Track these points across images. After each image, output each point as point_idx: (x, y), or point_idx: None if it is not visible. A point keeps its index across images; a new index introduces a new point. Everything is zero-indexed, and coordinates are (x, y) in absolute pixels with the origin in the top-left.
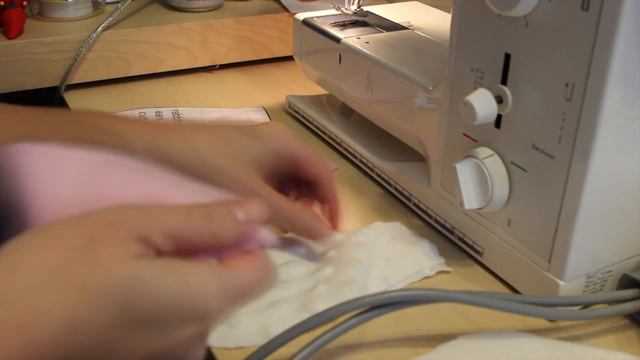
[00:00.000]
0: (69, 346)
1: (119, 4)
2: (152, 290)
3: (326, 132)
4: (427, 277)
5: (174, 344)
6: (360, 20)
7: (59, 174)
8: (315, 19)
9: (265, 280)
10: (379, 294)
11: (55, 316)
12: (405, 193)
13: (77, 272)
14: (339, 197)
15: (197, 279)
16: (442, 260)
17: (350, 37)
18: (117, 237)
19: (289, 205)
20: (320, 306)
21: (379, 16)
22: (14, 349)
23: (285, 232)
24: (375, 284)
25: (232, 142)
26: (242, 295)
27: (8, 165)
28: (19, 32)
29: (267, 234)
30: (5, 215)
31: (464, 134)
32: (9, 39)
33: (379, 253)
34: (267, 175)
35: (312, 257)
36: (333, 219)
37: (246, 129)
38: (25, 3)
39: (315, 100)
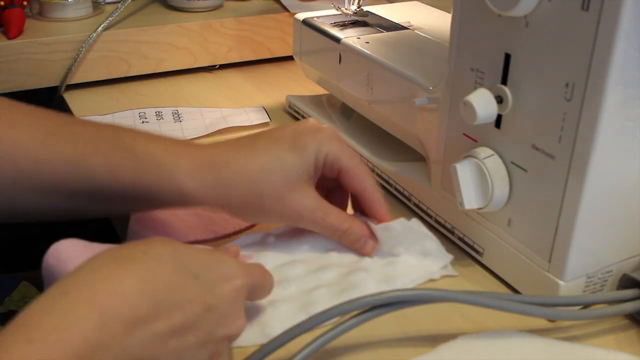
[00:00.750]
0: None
1: (119, 4)
2: (193, 256)
3: None
4: (432, 280)
5: (220, 300)
6: (360, 20)
7: None
8: (315, 19)
9: (268, 278)
10: (379, 293)
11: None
12: (405, 193)
13: (137, 250)
14: (384, 206)
15: (220, 253)
16: (451, 257)
17: (350, 37)
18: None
19: (337, 223)
20: (320, 310)
21: (379, 16)
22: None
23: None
24: (378, 288)
25: (284, 166)
26: (256, 277)
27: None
28: (19, 32)
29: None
30: None
31: (464, 134)
32: (9, 39)
33: (384, 256)
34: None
35: (315, 253)
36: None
37: (293, 144)
38: (25, 3)
39: (315, 100)
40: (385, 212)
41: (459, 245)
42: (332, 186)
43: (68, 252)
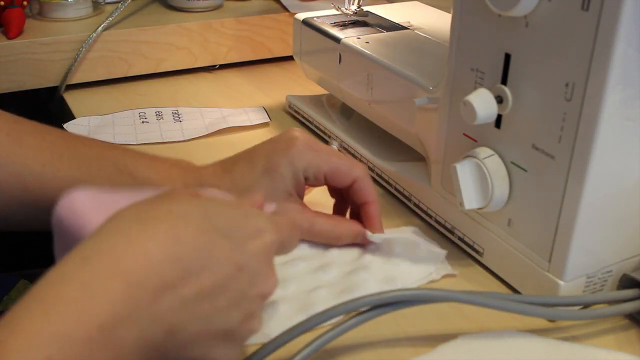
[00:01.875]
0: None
1: (119, 4)
2: (222, 212)
3: (326, 132)
4: (433, 281)
5: (251, 258)
6: (360, 20)
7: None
8: (315, 19)
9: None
10: (379, 293)
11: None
12: (405, 193)
13: (162, 208)
14: (376, 199)
15: (248, 207)
16: (445, 252)
17: (350, 37)
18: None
19: (327, 230)
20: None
21: (379, 16)
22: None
23: None
24: (379, 288)
25: (261, 190)
26: (285, 231)
27: (69, 211)
28: (19, 32)
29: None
30: None
31: (464, 134)
32: (9, 39)
33: (385, 258)
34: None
35: (315, 250)
36: (371, 221)
37: (267, 166)
38: (25, 3)
39: (315, 100)
40: (381, 227)
41: (459, 245)
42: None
43: (83, 204)
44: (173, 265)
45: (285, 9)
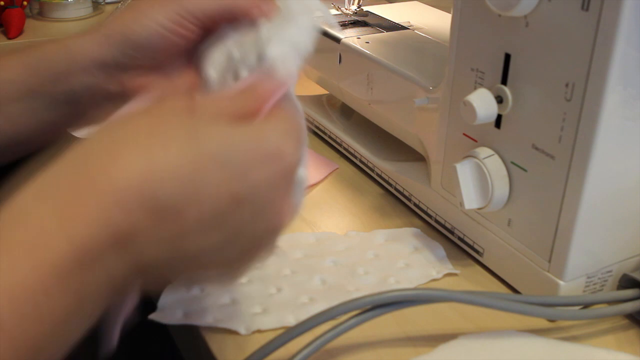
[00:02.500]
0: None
1: (119, 4)
2: (216, 132)
3: (326, 132)
4: (434, 280)
5: (256, 189)
6: (361, 20)
7: None
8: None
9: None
10: (379, 293)
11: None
12: (405, 193)
13: (141, 128)
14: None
15: (258, 126)
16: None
17: (350, 37)
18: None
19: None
20: (318, 306)
21: (379, 16)
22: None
23: None
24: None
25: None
26: (301, 132)
27: None
28: (19, 32)
29: None
30: None
31: (464, 134)
32: (9, 39)
33: (386, 262)
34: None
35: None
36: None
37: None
38: (25, 3)
39: (315, 100)
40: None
41: (459, 245)
42: None
43: None
44: (146, 204)
45: None
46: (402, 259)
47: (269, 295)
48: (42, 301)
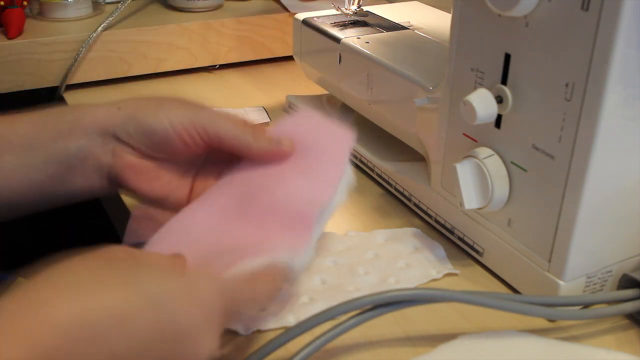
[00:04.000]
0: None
1: (119, 4)
2: (154, 277)
3: None
4: (434, 280)
5: (182, 327)
6: (360, 20)
7: None
8: (315, 19)
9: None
10: (379, 293)
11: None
12: (405, 193)
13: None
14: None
15: (192, 275)
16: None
17: (350, 37)
18: None
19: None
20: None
21: (379, 16)
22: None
23: None
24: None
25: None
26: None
27: None
28: (19, 32)
29: None
30: None
31: (464, 134)
32: (9, 39)
33: (386, 262)
34: None
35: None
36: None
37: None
38: (25, 3)
39: (315, 100)
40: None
41: (459, 245)
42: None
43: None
44: (84, 332)
45: (285, 9)
46: (402, 259)
47: None
48: None
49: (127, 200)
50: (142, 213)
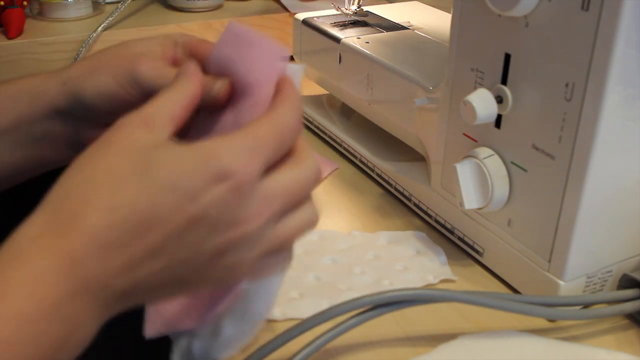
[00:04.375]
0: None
1: (119, 4)
2: (168, 161)
3: (326, 132)
4: (430, 285)
5: (208, 207)
6: (360, 20)
7: None
8: (315, 19)
9: (297, 118)
10: (379, 293)
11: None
12: (405, 193)
13: (100, 168)
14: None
15: (208, 144)
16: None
17: (350, 37)
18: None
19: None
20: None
21: (379, 16)
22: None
23: None
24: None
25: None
26: (273, 142)
27: None
28: (19, 32)
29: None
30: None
31: (464, 134)
32: (9, 39)
33: (384, 264)
34: None
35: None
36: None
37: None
38: (25, 3)
39: (315, 100)
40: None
41: (459, 245)
42: None
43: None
44: (114, 233)
45: (285, 9)
46: (402, 262)
47: None
48: (42, 329)
49: None
50: None
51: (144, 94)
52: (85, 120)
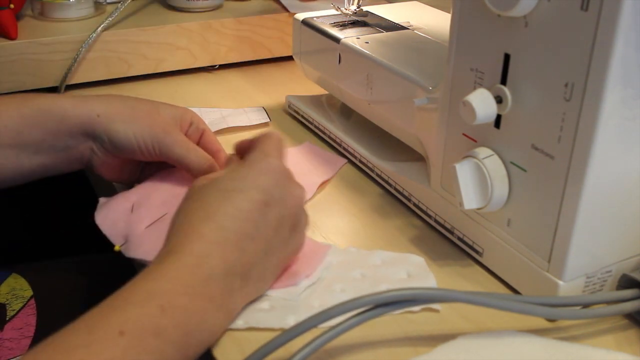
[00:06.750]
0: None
1: (119, 4)
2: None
3: (326, 132)
4: (409, 311)
5: (271, 189)
6: (360, 20)
7: None
8: (315, 19)
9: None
10: (379, 293)
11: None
12: (405, 193)
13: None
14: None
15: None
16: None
17: (350, 37)
18: None
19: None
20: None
21: (379, 16)
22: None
23: None
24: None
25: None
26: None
27: None
28: (15, 33)
29: None
30: None
31: (463, 134)
32: (11, 39)
33: (368, 284)
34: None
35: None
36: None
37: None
38: (12, 5)
39: (315, 100)
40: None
41: (459, 245)
42: None
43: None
44: (240, 234)
45: (285, 9)
46: (387, 284)
47: None
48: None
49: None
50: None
51: (161, 156)
52: (102, 146)
